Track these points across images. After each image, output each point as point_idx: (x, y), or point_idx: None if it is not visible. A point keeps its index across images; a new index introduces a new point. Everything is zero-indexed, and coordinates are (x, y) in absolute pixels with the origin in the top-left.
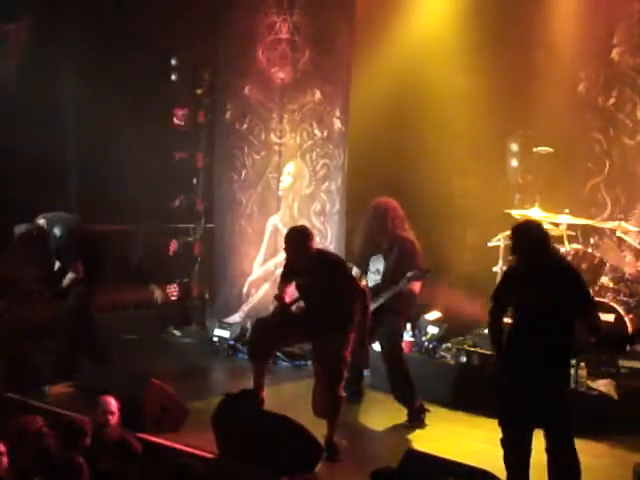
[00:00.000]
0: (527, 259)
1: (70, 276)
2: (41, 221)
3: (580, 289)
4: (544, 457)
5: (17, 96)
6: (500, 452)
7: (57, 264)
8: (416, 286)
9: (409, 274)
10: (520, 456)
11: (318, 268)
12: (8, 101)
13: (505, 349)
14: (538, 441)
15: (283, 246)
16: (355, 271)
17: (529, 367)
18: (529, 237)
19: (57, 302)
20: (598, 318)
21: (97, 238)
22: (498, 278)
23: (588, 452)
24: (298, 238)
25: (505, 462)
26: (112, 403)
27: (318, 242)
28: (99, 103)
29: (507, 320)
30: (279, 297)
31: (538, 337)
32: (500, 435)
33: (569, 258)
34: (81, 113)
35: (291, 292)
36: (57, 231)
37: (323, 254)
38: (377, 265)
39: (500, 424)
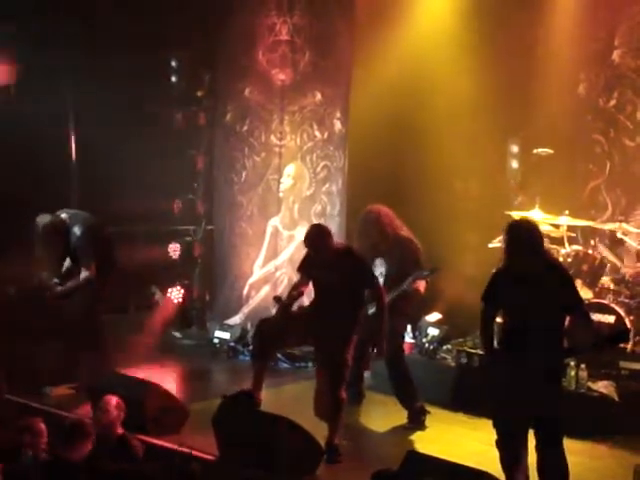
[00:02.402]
0: (518, 258)
1: (84, 275)
2: (64, 215)
3: (569, 289)
4: None
5: (18, 98)
6: None
7: (66, 263)
8: (421, 285)
9: (414, 274)
10: (516, 457)
11: (341, 261)
12: (9, 102)
13: (496, 349)
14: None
15: (305, 245)
16: None
17: (520, 367)
18: (521, 236)
19: (61, 300)
20: (589, 317)
21: (108, 240)
22: None
23: (589, 453)
24: (318, 235)
25: (501, 464)
26: (111, 403)
27: None
28: (99, 105)
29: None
30: (277, 298)
31: (529, 337)
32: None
33: (570, 259)
34: (81, 115)
35: (307, 290)
36: (77, 229)
37: (348, 249)
38: (380, 268)
39: (494, 425)
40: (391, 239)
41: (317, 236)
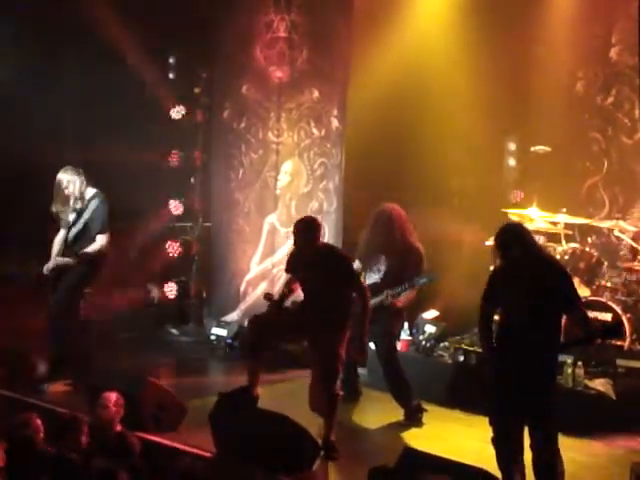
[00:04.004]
0: (511, 259)
1: (99, 243)
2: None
3: (566, 286)
4: None
5: (16, 93)
6: None
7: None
8: (401, 301)
9: (410, 282)
10: (512, 454)
11: (324, 261)
12: (7, 100)
13: (494, 347)
14: None
15: (292, 236)
16: (356, 265)
17: (517, 365)
18: (511, 238)
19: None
20: (586, 315)
21: None
22: None
23: (585, 451)
24: (308, 227)
25: (498, 461)
26: (110, 398)
27: None
28: (96, 101)
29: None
30: (268, 295)
31: (526, 335)
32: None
33: (567, 257)
34: (79, 111)
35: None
36: (96, 201)
37: (331, 248)
38: (379, 264)
39: (490, 423)
40: (398, 242)
41: (304, 227)
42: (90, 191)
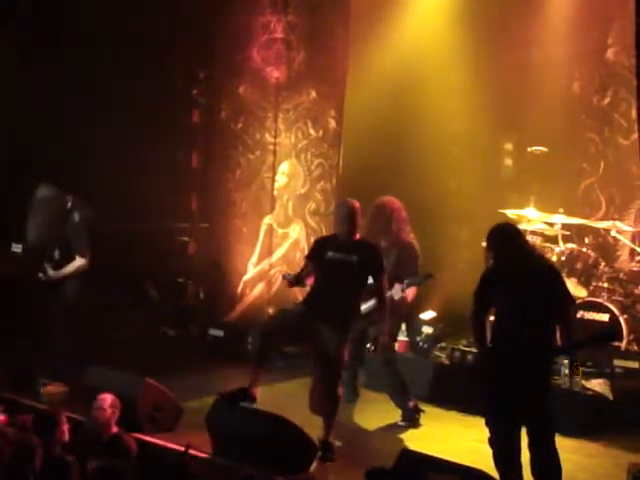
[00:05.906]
0: (504, 260)
1: (79, 262)
2: (68, 197)
3: (560, 288)
4: None
5: (17, 92)
6: None
7: (57, 252)
8: (410, 293)
9: (407, 280)
10: (508, 455)
11: (357, 248)
12: (8, 98)
13: (486, 346)
14: None
15: (335, 219)
16: None
17: (512, 366)
18: (503, 239)
19: (50, 289)
20: (573, 319)
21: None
22: None
23: (583, 452)
24: (355, 211)
25: (495, 461)
26: (106, 400)
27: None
28: (94, 102)
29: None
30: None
31: (519, 336)
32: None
33: (564, 258)
34: (77, 112)
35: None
36: (76, 216)
37: (369, 241)
38: None
39: (487, 423)
40: (394, 238)
41: (352, 211)
42: (74, 203)
